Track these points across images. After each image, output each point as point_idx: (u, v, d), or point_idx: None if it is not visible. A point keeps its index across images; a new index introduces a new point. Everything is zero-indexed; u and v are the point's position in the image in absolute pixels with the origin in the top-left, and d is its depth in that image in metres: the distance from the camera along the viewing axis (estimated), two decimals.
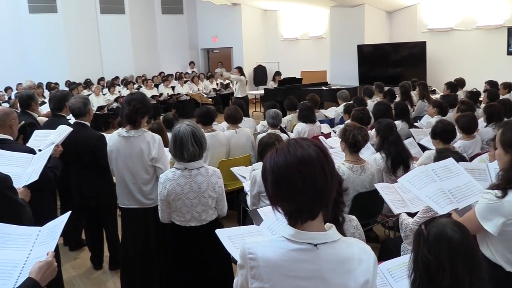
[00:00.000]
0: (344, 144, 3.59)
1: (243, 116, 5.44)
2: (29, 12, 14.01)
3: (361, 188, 3.56)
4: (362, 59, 12.27)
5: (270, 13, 16.02)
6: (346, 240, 1.37)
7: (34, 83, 6.78)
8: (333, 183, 1.30)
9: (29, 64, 13.96)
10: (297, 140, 1.33)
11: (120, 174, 3.38)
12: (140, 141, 3.27)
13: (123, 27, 15.37)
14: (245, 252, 1.34)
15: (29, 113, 4.43)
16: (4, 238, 1.82)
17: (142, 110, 3.23)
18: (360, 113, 5.01)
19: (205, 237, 2.87)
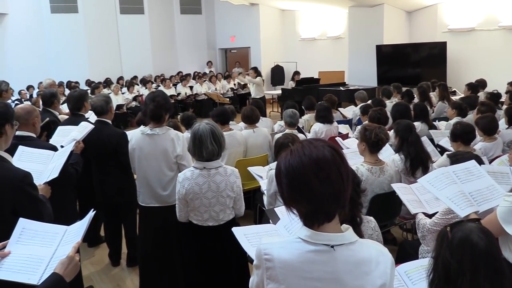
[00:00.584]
0: (365, 145, 3.54)
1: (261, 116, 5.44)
2: (51, 12, 14.28)
3: (379, 190, 3.53)
4: (381, 59, 12.15)
5: (288, 13, 16.00)
6: (363, 242, 1.35)
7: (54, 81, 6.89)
8: (349, 183, 1.29)
9: (50, 63, 14.23)
10: (311, 141, 1.32)
11: (142, 172, 3.38)
12: (164, 139, 3.27)
13: (142, 27, 15.55)
14: (261, 253, 1.34)
15: (51, 111, 4.51)
16: (31, 234, 1.86)
17: (166, 106, 3.26)
18: (377, 113, 4.97)
19: (222, 236, 2.88)
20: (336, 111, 7.07)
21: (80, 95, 4.37)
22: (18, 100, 11.18)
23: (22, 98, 11.67)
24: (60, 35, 14.32)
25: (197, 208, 2.88)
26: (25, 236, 1.85)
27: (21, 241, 1.84)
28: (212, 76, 14.61)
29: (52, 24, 14.31)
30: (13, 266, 1.74)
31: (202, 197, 2.84)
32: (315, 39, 15.29)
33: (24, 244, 1.82)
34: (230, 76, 14.75)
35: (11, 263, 1.75)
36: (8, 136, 2.37)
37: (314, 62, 14.65)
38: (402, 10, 12.43)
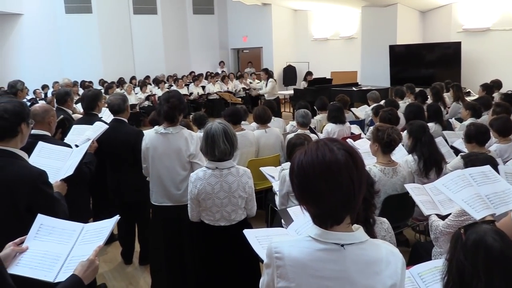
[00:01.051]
0: (377, 145, 3.52)
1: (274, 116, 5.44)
2: (65, 12, 14.45)
3: (392, 191, 3.51)
4: (394, 59, 12.06)
5: (300, 13, 15.97)
6: (373, 241, 1.35)
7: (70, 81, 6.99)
8: (361, 189, 1.27)
9: (65, 63, 14.40)
10: (327, 142, 1.29)
11: (156, 171, 3.39)
12: (178, 138, 3.28)
13: (155, 27, 15.66)
14: (272, 251, 1.34)
15: (64, 109, 4.57)
16: (48, 230, 1.88)
17: (180, 107, 3.27)
18: (388, 114, 4.93)
19: (234, 236, 2.89)
20: (348, 111, 7.03)
21: (94, 94, 4.41)
22: (33, 99, 11.33)
23: (37, 97, 11.81)
24: (74, 35, 14.48)
25: (209, 208, 2.89)
26: (43, 232, 1.88)
27: (39, 237, 1.86)
28: (224, 76, 14.65)
29: (66, 25, 14.48)
30: (30, 262, 1.76)
31: (214, 197, 2.85)
32: (328, 39, 15.24)
33: (41, 240, 1.85)
34: (243, 76, 14.78)
35: (28, 259, 1.78)
36: (24, 135, 2.41)
37: (327, 62, 14.60)
38: (415, 10, 12.33)
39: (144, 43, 15.51)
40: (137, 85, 13.53)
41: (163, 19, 15.83)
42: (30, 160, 2.74)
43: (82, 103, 4.49)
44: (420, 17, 12.60)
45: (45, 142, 3.05)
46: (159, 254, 3.57)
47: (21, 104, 2.43)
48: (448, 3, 11.64)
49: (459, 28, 11.47)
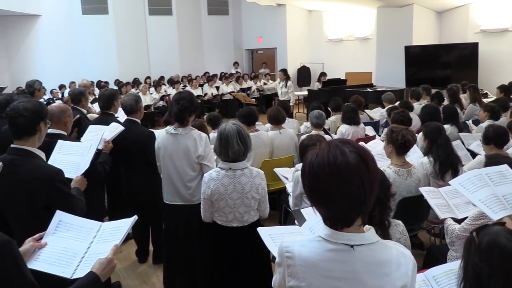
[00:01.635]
0: (391, 147, 3.49)
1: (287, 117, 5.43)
2: (82, 13, 14.63)
3: (407, 193, 3.48)
4: (410, 60, 11.96)
5: (315, 14, 15.93)
6: (384, 242, 1.35)
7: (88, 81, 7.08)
8: (372, 192, 1.26)
9: (81, 63, 14.60)
10: (339, 144, 1.28)
11: (166, 170, 3.43)
12: (187, 139, 3.30)
13: (170, 28, 15.77)
14: (283, 250, 1.36)
15: (79, 109, 4.64)
16: (67, 227, 1.92)
17: (190, 109, 3.28)
18: (399, 116, 4.89)
19: (246, 238, 2.90)
20: (362, 112, 6.99)
21: (110, 94, 4.47)
22: (50, 99, 11.51)
23: (54, 97, 12.00)
24: (90, 36, 14.67)
25: (222, 209, 2.90)
26: (61, 228, 1.92)
27: (57, 233, 1.90)
28: (238, 76, 14.68)
29: (83, 25, 14.67)
30: (48, 258, 1.80)
31: (227, 198, 2.86)
32: (342, 40, 15.17)
33: (60, 237, 1.88)
34: (257, 77, 14.79)
35: (47, 255, 1.81)
36: (42, 134, 2.46)
37: (341, 63, 14.55)
38: (432, 10, 12.20)
39: (159, 43, 15.63)
40: (152, 85, 13.65)
41: (178, 20, 15.94)
42: (52, 158, 2.81)
43: (98, 102, 4.54)
44: (437, 18, 12.47)
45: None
46: (170, 252, 3.60)
47: (40, 104, 2.49)
48: (465, 4, 11.49)
49: (477, 29, 11.32)
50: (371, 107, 8.96)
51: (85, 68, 14.33)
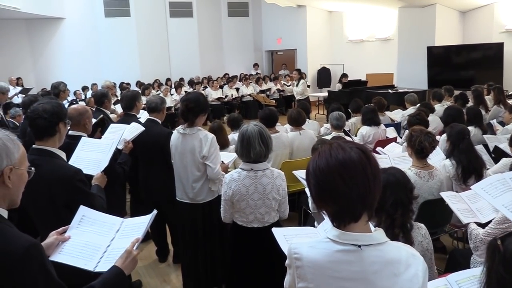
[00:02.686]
0: (411, 150, 3.48)
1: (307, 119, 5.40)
2: (104, 16, 14.91)
3: (429, 195, 3.43)
4: (432, 61, 11.78)
5: (335, 15, 15.84)
6: (393, 243, 1.35)
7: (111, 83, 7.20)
8: (376, 184, 1.29)
9: (104, 65, 14.86)
10: (339, 143, 1.33)
11: (176, 168, 3.51)
12: (193, 139, 3.34)
13: (190, 30, 15.92)
14: (291, 252, 1.37)
15: (102, 110, 4.72)
16: (90, 222, 1.98)
17: (195, 110, 3.31)
18: (415, 119, 4.82)
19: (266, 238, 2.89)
20: (384, 114, 6.92)
21: (132, 95, 4.54)
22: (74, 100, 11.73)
23: (77, 98, 12.22)
24: (113, 38, 14.93)
25: (243, 209, 2.92)
26: (84, 223, 1.97)
27: (80, 228, 1.95)
28: (258, 78, 14.71)
29: (105, 28, 14.94)
30: (72, 251, 1.85)
31: (249, 198, 2.88)
32: (363, 41, 15.04)
33: (83, 231, 1.94)
34: (277, 78, 14.78)
35: (70, 248, 1.87)
36: (62, 134, 2.52)
37: (362, 64, 14.42)
38: (455, 10, 12.00)
39: (179, 45, 15.80)
40: (173, 87, 13.77)
41: (198, 22, 16.07)
42: (74, 154, 2.89)
43: (121, 103, 4.63)
44: (460, 18, 12.25)
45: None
46: (182, 251, 3.68)
47: (59, 105, 2.56)
48: (489, 3, 11.26)
49: (502, 29, 11.08)
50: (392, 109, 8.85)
51: (107, 69, 14.58)
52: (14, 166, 1.50)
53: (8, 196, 1.52)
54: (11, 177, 1.49)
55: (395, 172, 2.36)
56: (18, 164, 1.53)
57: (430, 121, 5.95)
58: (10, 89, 11.20)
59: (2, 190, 1.49)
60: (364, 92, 10.94)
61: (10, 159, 1.49)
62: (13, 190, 1.52)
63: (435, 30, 11.68)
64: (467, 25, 12.23)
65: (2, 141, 1.48)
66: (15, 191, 1.53)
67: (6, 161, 1.48)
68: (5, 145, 1.49)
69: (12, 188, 1.51)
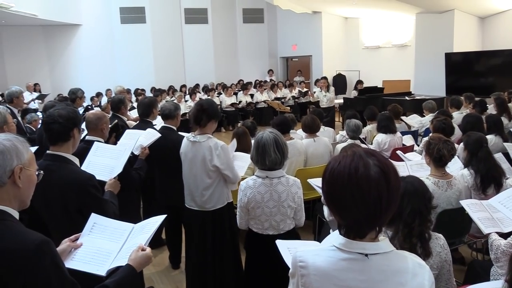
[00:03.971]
0: (429, 158, 3.43)
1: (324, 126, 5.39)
2: (120, 23, 15.16)
3: (447, 204, 3.38)
4: (450, 68, 11.66)
5: (351, 21, 15.82)
6: (399, 252, 1.34)
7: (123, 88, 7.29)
8: (389, 209, 1.26)
9: (119, 71, 15.10)
10: (363, 155, 1.27)
11: (185, 176, 3.54)
12: (203, 147, 3.36)
13: (206, 36, 16.08)
14: (296, 260, 1.36)
15: (119, 116, 4.78)
16: (101, 229, 2.01)
17: (208, 111, 3.33)
18: (442, 123, 4.76)
19: None
20: (400, 121, 6.86)
21: (149, 101, 4.59)
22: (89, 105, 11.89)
23: (93, 104, 12.37)
24: (128, 44, 15.16)
25: (258, 216, 2.93)
26: (96, 230, 2.00)
27: (92, 235, 1.98)
28: (273, 84, 14.73)
29: (121, 34, 15.18)
30: (84, 257, 1.89)
31: (264, 206, 2.89)
32: (380, 47, 14.98)
33: (94, 238, 1.97)
34: (292, 85, 14.78)
35: (83, 254, 1.90)
36: (76, 140, 2.56)
37: (378, 71, 14.36)
38: (474, 16, 11.88)
39: (194, 52, 15.96)
40: (187, 93, 13.87)
41: (213, 29, 16.22)
42: (87, 160, 2.92)
43: (138, 109, 4.67)
44: (479, 23, 12.13)
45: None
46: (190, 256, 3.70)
47: (74, 111, 2.61)
48: (509, 9, 11.13)
49: None
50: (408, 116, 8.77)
51: (122, 76, 14.79)
52: (23, 167, 1.54)
53: (19, 196, 1.56)
54: (21, 177, 1.53)
55: (413, 181, 2.33)
56: (28, 164, 1.57)
57: None
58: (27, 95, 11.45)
59: (12, 190, 1.53)
60: (381, 99, 10.89)
61: (20, 159, 1.53)
62: (23, 190, 1.56)
63: (453, 36, 11.58)
64: (486, 31, 12.10)
65: (11, 142, 1.53)
66: (24, 191, 1.57)
67: (17, 160, 1.52)
68: (15, 145, 1.53)
69: (22, 188, 1.54)
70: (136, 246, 1.82)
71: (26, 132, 5.55)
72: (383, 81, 13.52)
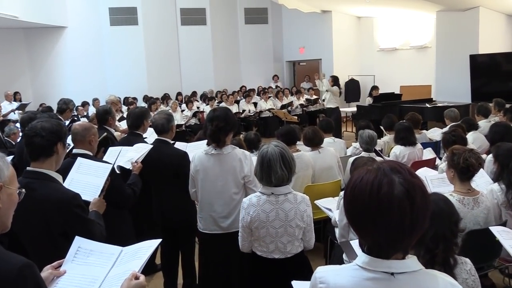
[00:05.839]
0: (453, 171, 3.40)
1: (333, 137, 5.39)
2: (110, 25, 15.26)
3: (474, 224, 3.36)
4: (476, 71, 11.66)
5: (364, 21, 15.90)
6: (428, 271, 1.34)
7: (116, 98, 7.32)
8: (414, 231, 1.27)
9: (109, 78, 15.19)
10: (388, 171, 1.28)
11: (206, 195, 3.50)
12: (231, 159, 3.38)
13: (204, 39, 16.17)
14: (316, 281, 1.37)
15: (106, 128, 4.76)
16: (86, 253, 2.00)
17: (226, 128, 3.35)
18: (451, 136, 4.75)
19: (289, 271, 2.88)
20: (420, 132, 6.86)
21: (140, 112, 4.60)
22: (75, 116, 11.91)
23: (78, 115, 12.35)
24: (119, 48, 15.25)
25: (263, 238, 2.92)
26: (80, 255, 1.99)
27: (76, 260, 1.98)
28: (278, 91, 14.76)
29: (111, 37, 15.29)
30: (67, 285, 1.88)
31: (269, 226, 2.88)
32: (396, 49, 15.03)
33: (79, 264, 1.96)
34: (300, 92, 14.78)
35: (66, 283, 1.89)
36: (60, 156, 2.57)
37: (395, 75, 14.38)
38: (501, 13, 11.93)
39: (191, 56, 16.04)
40: (183, 102, 13.90)
41: (212, 30, 16.33)
42: (69, 177, 2.92)
43: (127, 120, 4.68)
44: (508, 21, 12.17)
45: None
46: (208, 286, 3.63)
47: (58, 123, 2.62)
48: None
49: None
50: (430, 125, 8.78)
51: (112, 83, 14.89)
52: (4, 185, 1.53)
53: None
54: (1, 197, 1.52)
55: (438, 200, 2.30)
56: (8, 182, 1.56)
57: (474, 139, 5.88)
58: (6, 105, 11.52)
59: None
60: (398, 106, 10.91)
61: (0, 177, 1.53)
62: (3, 211, 1.55)
63: (479, 36, 11.61)
64: None
65: None
66: (5, 212, 1.56)
67: None
68: None
69: (2, 208, 1.53)
70: (128, 273, 1.81)
71: (5, 146, 5.58)
72: (401, 87, 13.54)
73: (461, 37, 11.96)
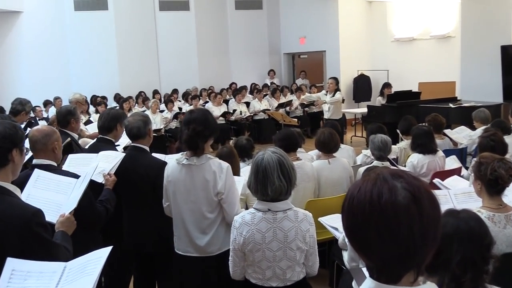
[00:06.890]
0: (480, 184, 3.43)
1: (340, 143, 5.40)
2: (74, 9, 15.19)
3: (507, 246, 3.38)
4: (508, 65, 11.74)
5: (376, 6, 15.96)
6: None
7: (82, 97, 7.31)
8: (426, 243, 1.27)
9: (73, 73, 15.15)
10: (388, 177, 1.30)
11: (179, 212, 3.50)
12: (204, 171, 3.37)
13: (186, 27, 16.17)
14: None
15: (67, 132, 4.69)
16: (22, 276, 2.01)
17: (204, 133, 3.34)
18: (489, 140, 4.79)
19: None
20: (443, 136, 6.90)
21: (117, 114, 4.57)
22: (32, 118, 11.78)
23: (36, 117, 12.13)
24: (85, 38, 15.19)
25: (258, 263, 2.92)
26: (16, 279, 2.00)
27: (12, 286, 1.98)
28: (275, 89, 14.76)
29: (75, 24, 15.21)
30: None
31: (265, 248, 2.88)
32: (414, 39, 15.09)
33: None
34: (301, 90, 14.77)
35: None
36: (16, 164, 2.56)
37: (413, 70, 14.43)
38: None
39: (172, 47, 16.03)
40: (162, 101, 13.82)
41: (197, 17, 16.31)
42: (25, 192, 2.91)
43: (98, 122, 4.66)
44: None
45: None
46: None
47: (13, 126, 2.59)
48: None
49: None
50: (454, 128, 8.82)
51: (77, 78, 14.86)
52: None
53: None
54: None
55: (468, 219, 2.27)
56: None
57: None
58: None
59: None
60: (416, 106, 10.94)
61: None
62: None
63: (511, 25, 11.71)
64: None
65: None
66: None
67: None
68: None
69: None
70: None
71: None
72: (420, 84, 13.58)
73: (491, 26, 12.03)
